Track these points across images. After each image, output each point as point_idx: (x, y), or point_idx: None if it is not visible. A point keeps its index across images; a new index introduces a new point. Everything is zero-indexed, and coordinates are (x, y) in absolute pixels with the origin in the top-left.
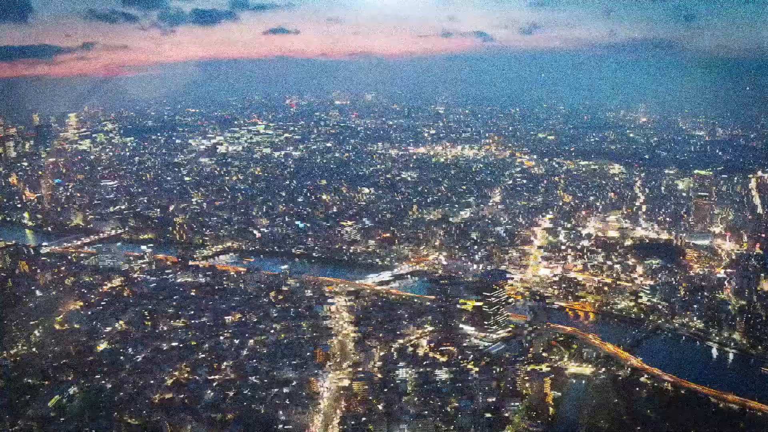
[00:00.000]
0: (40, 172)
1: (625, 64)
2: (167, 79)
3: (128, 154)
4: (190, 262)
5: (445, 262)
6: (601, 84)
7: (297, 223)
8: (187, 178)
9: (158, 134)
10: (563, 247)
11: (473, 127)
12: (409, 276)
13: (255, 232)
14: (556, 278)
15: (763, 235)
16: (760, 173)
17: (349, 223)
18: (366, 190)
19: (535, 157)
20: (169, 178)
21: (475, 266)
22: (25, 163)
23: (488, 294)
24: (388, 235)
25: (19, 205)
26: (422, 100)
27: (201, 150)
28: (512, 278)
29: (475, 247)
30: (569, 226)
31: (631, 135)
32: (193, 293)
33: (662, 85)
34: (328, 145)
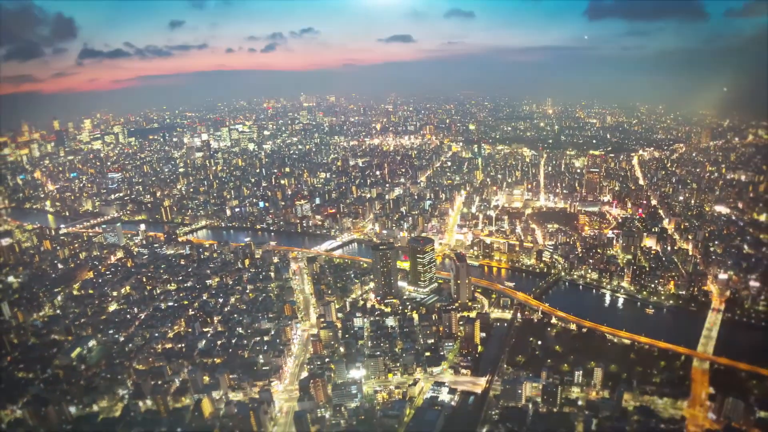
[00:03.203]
0: (59, 168)
1: (535, 65)
2: (168, 88)
3: (132, 151)
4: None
5: (379, 231)
6: (517, 82)
7: (260, 203)
8: (181, 170)
9: (158, 134)
10: (476, 216)
11: (415, 121)
12: (355, 243)
13: (227, 211)
14: (471, 242)
15: (644, 202)
16: (640, 152)
17: (303, 201)
18: (323, 175)
19: (462, 144)
20: (166, 170)
21: (403, 234)
22: (47, 161)
23: (419, 255)
24: (333, 210)
25: (42, 196)
26: (374, 100)
27: (193, 146)
28: (439, 243)
29: (404, 218)
30: (481, 199)
31: (540, 124)
32: (182, 263)
33: (564, 82)
34: (295, 139)
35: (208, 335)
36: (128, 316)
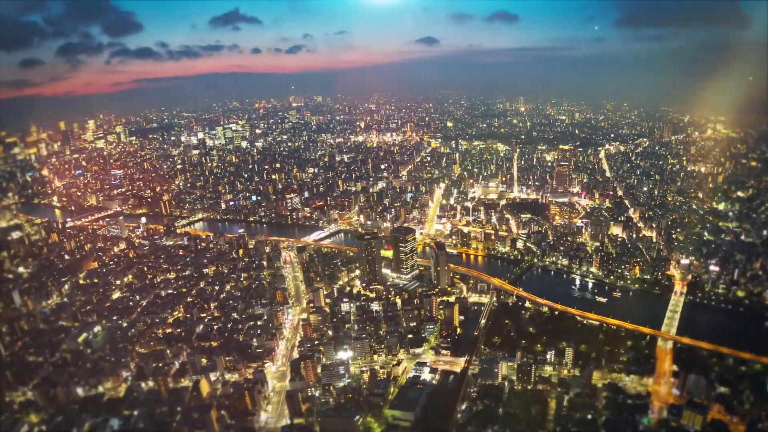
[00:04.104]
0: (65, 166)
1: (507, 66)
2: (167, 90)
3: (133, 149)
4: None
5: (364, 222)
6: (492, 82)
7: (252, 197)
8: (178, 166)
9: (157, 134)
10: (454, 207)
11: (396, 119)
12: (341, 234)
13: (222, 205)
14: (450, 232)
15: (611, 193)
16: (607, 146)
17: (292, 195)
18: (311, 170)
19: (440, 140)
20: (165, 167)
21: (386, 224)
22: (54, 160)
23: (402, 244)
24: (321, 203)
25: (49, 191)
26: (359, 100)
27: (190, 144)
28: (420, 232)
29: (387, 210)
30: (458, 191)
31: (513, 121)
32: (180, 253)
33: (535, 81)
34: (285, 137)
35: (205, 320)
36: (131, 303)
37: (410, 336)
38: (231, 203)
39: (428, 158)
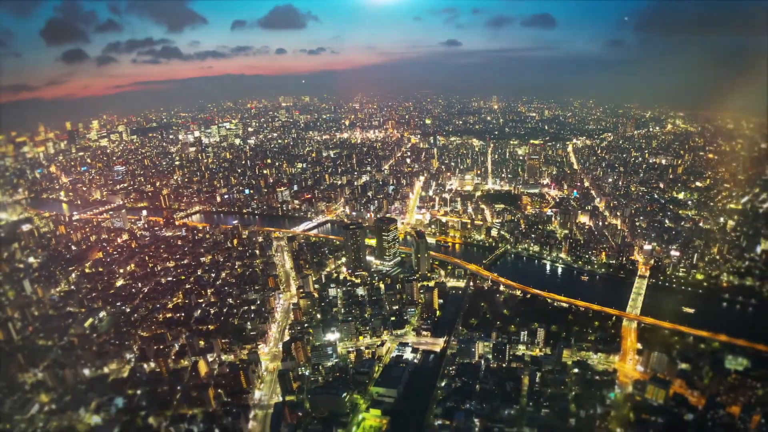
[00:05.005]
0: (71, 163)
1: (482, 66)
2: (164, 92)
3: (134, 147)
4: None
5: (349, 213)
6: (467, 82)
7: (245, 190)
8: (176, 163)
9: (156, 132)
10: (433, 199)
11: (378, 117)
12: (328, 224)
13: (217, 198)
14: (429, 221)
15: (578, 184)
16: (574, 141)
17: (282, 188)
18: (299, 165)
19: (419, 136)
20: (164, 163)
21: (370, 215)
22: (61, 157)
23: (384, 233)
24: (309, 195)
25: (57, 187)
26: (343, 99)
27: (187, 142)
28: (401, 222)
29: (370, 201)
30: (437, 184)
31: (487, 118)
32: (179, 243)
33: (507, 80)
34: (275, 134)
35: (203, 305)
36: (133, 290)
37: (393, 318)
38: (225, 196)
39: (408, 153)
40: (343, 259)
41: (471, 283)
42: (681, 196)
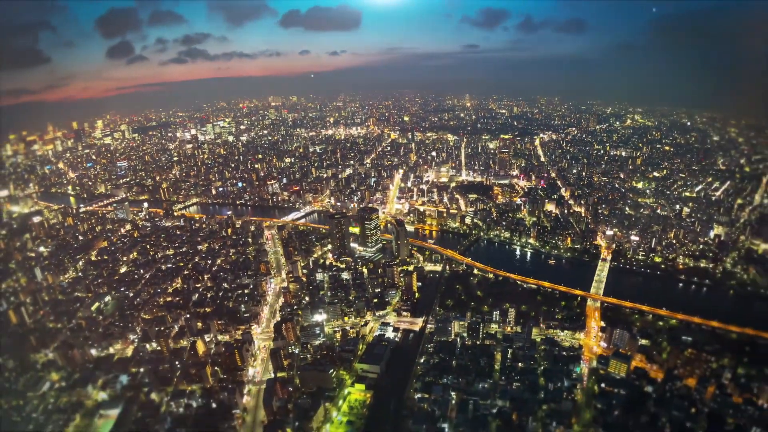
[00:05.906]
0: (78, 160)
1: (454, 66)
2: (162, 93)
3: (135, 144)
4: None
5: (334, 204)
6: (441, 81)
7: (238, 183)
8: (175, 158)
9: (156, 131)
10: (411, 190)
11: (360, 115)
12: (315, 214)
13: (213, 190)
14: (408, 210)
15: (545, 175)
16: (541, 135)
17: (273, 181)
18: (288, 160)
19: (398, 132)
20: (163, 159)
21: (353, 205)
22: (68, 155)
23: (367, 222)
24: (297, 188)
25: (64, 182)
26: (328, 98)
27: (184, 140)
28: (382, 211)
29: (354, 193)
30: (415, 176)
31: (461, 114)
32: (178, 232)
33: (478, 79)
34: (266, 132)
35: (200, 290)
36: (136, 276)
37: (375, 300)
38: (220, 189)
39: (388, 148)
40: (329, 246)
41: (447, 268)
42: (640, 185)
